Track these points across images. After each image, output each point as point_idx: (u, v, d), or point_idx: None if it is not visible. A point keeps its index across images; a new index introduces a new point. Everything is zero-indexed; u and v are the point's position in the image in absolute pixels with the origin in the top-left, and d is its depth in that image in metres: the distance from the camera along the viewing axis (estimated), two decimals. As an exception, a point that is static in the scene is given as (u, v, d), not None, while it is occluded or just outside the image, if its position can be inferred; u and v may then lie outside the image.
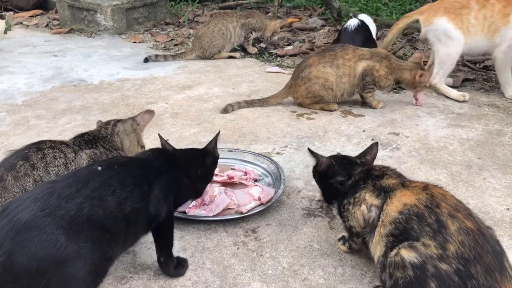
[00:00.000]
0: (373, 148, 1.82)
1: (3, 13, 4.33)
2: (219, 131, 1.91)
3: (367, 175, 1.61)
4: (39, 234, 1.24)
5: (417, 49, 4.24)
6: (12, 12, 4.60)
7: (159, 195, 1.52)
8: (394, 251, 1.36)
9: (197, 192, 1.79)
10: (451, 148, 2.52)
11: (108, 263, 1.39)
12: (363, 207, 1.52)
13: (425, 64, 3.26)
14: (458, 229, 1.32)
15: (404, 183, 1.54)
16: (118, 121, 2.02)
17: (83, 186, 1.37)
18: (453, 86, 3.41)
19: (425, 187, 1.47)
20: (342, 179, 1.68)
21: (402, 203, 1.43)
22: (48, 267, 1.24)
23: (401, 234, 1.38)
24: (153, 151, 1.71)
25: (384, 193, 1.50)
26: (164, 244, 1.60)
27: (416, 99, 3.07)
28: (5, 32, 4.23)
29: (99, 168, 1.46)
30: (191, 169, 1.69)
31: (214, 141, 1.81)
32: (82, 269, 1.28)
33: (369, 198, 1.52)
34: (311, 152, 1.81)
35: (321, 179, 1.79)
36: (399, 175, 1.62)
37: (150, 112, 2.06)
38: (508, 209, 1.98)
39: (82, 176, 1.41)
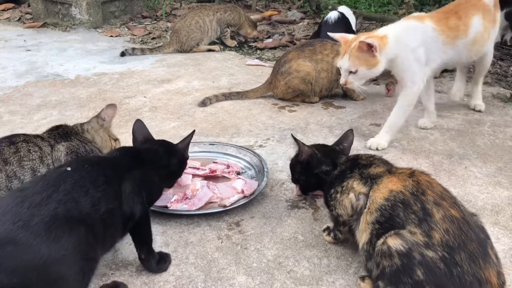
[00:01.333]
0: (348, 136, 1.82)
1: None
2: (194, 130, 1.86)
3: (354, 164, 1.60)
4: (16, 248, 1.16)
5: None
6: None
7: (131, 193, 1.46)
8: (381, 240, 1.35)
9: (169, 185, 1.80)
10: (432, 138, 2.54)
11: (93, 264, 1.33)
12: (351, 195, 1.50)
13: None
14: (443, 217, 1.31)
15: (391, 169, 1.52)
16: (83, 124, 1.98)
17: (54, 190, 1.29)
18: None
19: (412, 173, 1.46)
20: (327, 168, 1.66)
21: (388, 190, 1.41)
22: (32, 278, 1.17)
23: (387, 221, 1.37)
24: (120, 150, 1.66)
25: (371, 181, 1.48)
26: (143, 241, 1.56)
27: (388, 90, 3.09)
28: None
29: (69, 169, 1.39)
30: (157, 168, 1.64)
31: (187, 140, 1.76)
32: (68, 273, 1.22)
33: (357, 186, 1.50)
34: (295, 139, 1.78)
35: (304, 170, 1.76)
36: (386, 163, 1.61)
37: (112, 106, 1.99)
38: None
39: (52, 180, 1.33)
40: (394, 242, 1.31)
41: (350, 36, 2.28)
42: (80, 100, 3.02)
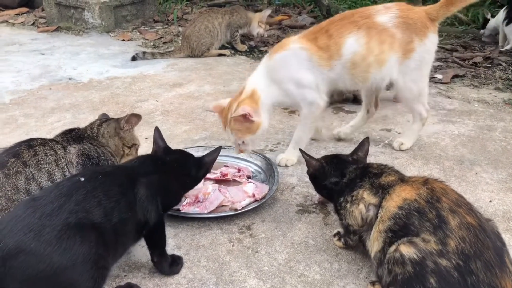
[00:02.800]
0: (364, 144, 1.79)
1: None
2: (220, 147, 1.86)
3: (364, 173, 1.59)
4: (27, 258, 1.19)
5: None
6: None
7: (145, 199, 1.47)
8: (393, 247, 1.35)
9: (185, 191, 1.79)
10: (443, 143, 2.54)
11: (104, 272, 1.34)
12: (361, 206, 1.50)
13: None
14: (459, 224, 1.30)
15: (403, 178, 1.52)
16: (104, 121, 1.98)
17: (66, 200, 1.31)
18: (442, 82, 3.45)
19: (425, 181, 1.45)
20: (336, 179, 1.66)
21: (402, 198, 1.41)
22: (44, 287, 1.21)
23: (401, 230, 1.36)
24: (139, 158, 1.67)
25: (383, 191, 1.48)
26: (156, 245, 1.58)
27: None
28: None
29: (82, 179, 1.41)
30: (180, 177, 1.65)
31: (214, 156, 1.75)
32: (79, 281, 1.25)
33: (367, 196, 1.50)
34: (302, 153, 1.78)
35: (314, 181, 1.78)
36: (397, 172, 1.60)
37: (136, 116, 1.98)
38: (490, 201, 1.99)
39: (64, 189, 1.35)
40: (407, 250, 1.30)
41: (225, 103, 2.15)
42: (93, 103, 3.06)
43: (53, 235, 1.23)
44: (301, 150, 1.78)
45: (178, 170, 1.64)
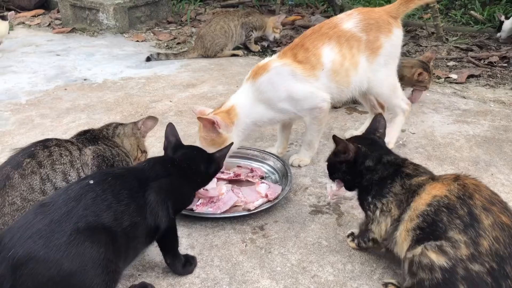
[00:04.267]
0: (380, 121, 1.69)
1: (6, 13, 4.32)
2: (232, 143, 1.87)
3: (396, 172, 1.51)
4: (37, 265, 1.20)
5: (420, 46, 4.23)
6: (13, 12, 4.60)
7: (155, 204, 1.46)
8: (419, 248, 1.30)
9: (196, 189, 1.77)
10: (458, 144, 2.51)
11: (115, 276, 1.34)
12: (389, 220, 1.46)
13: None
14: (492, 224, 1.23)
15: (434, 177, 1.47)
16: (120, 124, 2.00)
17: (75, 205, 1.31)
18: (457, 82, 3.41)
19: (457, 177, 1.39)
20: (371, 164, 1.56)
21: (432, 195, 1.35)
22: None
23: (429, 227, 1.31)
24: (149, 160, 1.66)
25: (411, 194, 1.42)
26: (168, 248, 1.58)
27: (412, 95, 3.05)
28: (8, 32, 4.23)
29: (91, 182, 1.40)
30: (192, 176, 1.63)
31: (225, 151, 1.73)
32: (90, 286, 1.26)
33: (394, 210, 1.45)
34: (336, 139, 1.61)
35: (350, 168, 1.60)
36: (430, 173, 1.54)
37: (153, 119, 2.00)
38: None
39: (73, 194, 1.35)
40: (438, 259, 1.25)
41: (209, 111, 2.14)
42: (108, 104, 3.09)
43: (62, 241, 1.23)
44: (334, 137, 1.63)
45: (188, 169, 1.62)
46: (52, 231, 1.25)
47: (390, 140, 2.34)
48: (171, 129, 1.72)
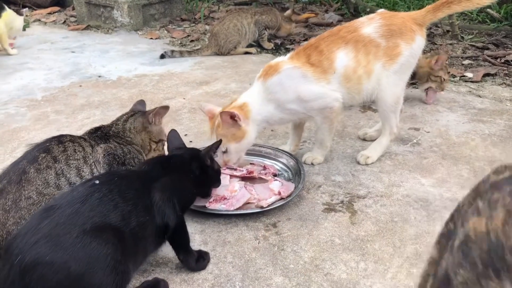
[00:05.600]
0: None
1: (21, 9, 4.37)
2: (221, 140, 1.87)
3: None
4: (45, 269, 1.20)
5: (435, 44, 4.18)
6: (27, 9, 4.65)
7: (161, 202, 1.48)
8: None
9: (203, 194, 1.79)
10: (473, 143, 2.48)
11: (125, 276, 1.34)
12: None
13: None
14: None
15: None
16: (131, 116, 1.99)
17: (80, 207, 1.31)
18: (473, 81, 3.38)
19: None
20: None
21: None
22: None
23: None
24: (148, 162, 1.68)
25: None
26: (179, 245, 1.59)
27: (427, 95, 3.01)
28: (24, 29, 4.27)
29: (97, 182, 1.41)
30: (184, 174, 1.65)
31: (212, 148, 1.76)
32: (101, 286, 1.26)
33: None
34: None
35: None
36: None
37: (164, 108, 1.99)
38: None
39: (78, 195, 1.35)
40: None
41: (217, 110, 2.13)
42: (122, 100, 3.11)
43: (69, 244, 1.23)
44: None
45: (181, 167, 1.66)
46: (58, 234, 1.24)
47: (371, 156, 2.29)
48: (173, 134, 1.79)
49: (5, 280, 1.21)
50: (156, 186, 1.50)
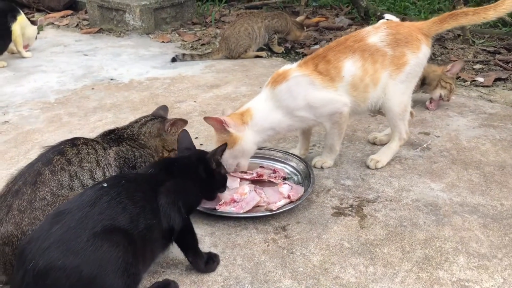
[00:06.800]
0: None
1: (35, 19, 4.44)
2: (226, 144, 1.87)
3: None
4: (58, 274, 1.22)
5: (446, 48, 4.17)
6: (42, 16, 4.70)
7: (167, 206, 1.49)
8: None
9: (208, 197, 1.80)
10: (483, 148, 2.48)
11: (136, 278, 1.36)
12: None
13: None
14: None
15: None
16: (150, 120, 2.01)
17: (89, 210, 1.33)
18: (484, 85, 3.37)
19: None
20: None
21: None
22: None
23: None
24: (153, 165, 1.71)
25: None
26: (188, 247, 1.60)
27: (431, 102, 3.00)
28: (36, 38, 4.34)
29: (105, 185, 1.43)
30: (190, 176, 1.67)
31: (218, 151, 1.75)
32: (115, 285, 1.28)
33: None
34: None
35: None
36: None
37: (183, 121, 2.02)
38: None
39: (87, 199, 1.37)
40: None
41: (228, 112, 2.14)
42: (134, 103, 3.15)
43: (80, 248, 1.25)
44: None
45: (188, 172, 1.67)
46: (69, 239, 1.26)
47: (381, 161, 2.30)
48: (184, 134, 1.81)
49: (19, 285, 1.24)
50: (162, 189, 1.52)
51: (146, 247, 1.43)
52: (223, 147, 1.80)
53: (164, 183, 1.55)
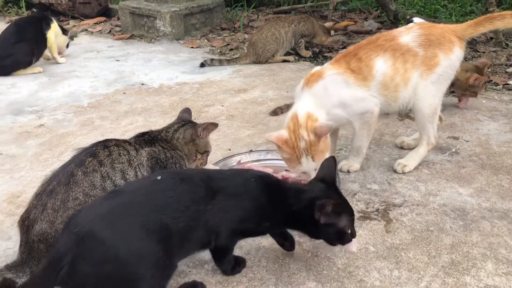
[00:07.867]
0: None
1: (68, 28, 4.60)
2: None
3: None
4: (97, 244, 1.29)
5: (478, 51, 4.10)
6: (74, 30, 4.82)
7: (218, 222, 1.49)
8: None
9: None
10: (515, 153, 2.43)
11: (168, 271, 1.41)
12: None
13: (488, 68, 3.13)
14: None
15: None
16: (182, 126, 2.04)
17: (139, 197, 1.42)
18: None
19: None
20: None
21: None
22: (110, 273, 1.30)
23: None
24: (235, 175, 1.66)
25: None
26: (220, 258, 1.63)
27: (460, 100, 2.98)
28: (67, 46, 4.48)
29: (159, 178, 1.49)
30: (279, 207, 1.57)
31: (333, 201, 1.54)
32: (143, 276, 1.33)
33: None
34: None
35: None
36: None
37: (214, 125, 2.05)
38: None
39: (139, 186, 1.49)
40: None
41: (284, 133, 2.05)
42: (163, 107, 3.22)
43: (123, 230, 1.33)
44: None
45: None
46: (115, 217, 1.36)
47: (409, 165, 2.29)
48: (328, 163, 1.70)
49: (63, 244, 1.32)
50: (220, 201, 1.49)
51: (183, 244, 1.46)
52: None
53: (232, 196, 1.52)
